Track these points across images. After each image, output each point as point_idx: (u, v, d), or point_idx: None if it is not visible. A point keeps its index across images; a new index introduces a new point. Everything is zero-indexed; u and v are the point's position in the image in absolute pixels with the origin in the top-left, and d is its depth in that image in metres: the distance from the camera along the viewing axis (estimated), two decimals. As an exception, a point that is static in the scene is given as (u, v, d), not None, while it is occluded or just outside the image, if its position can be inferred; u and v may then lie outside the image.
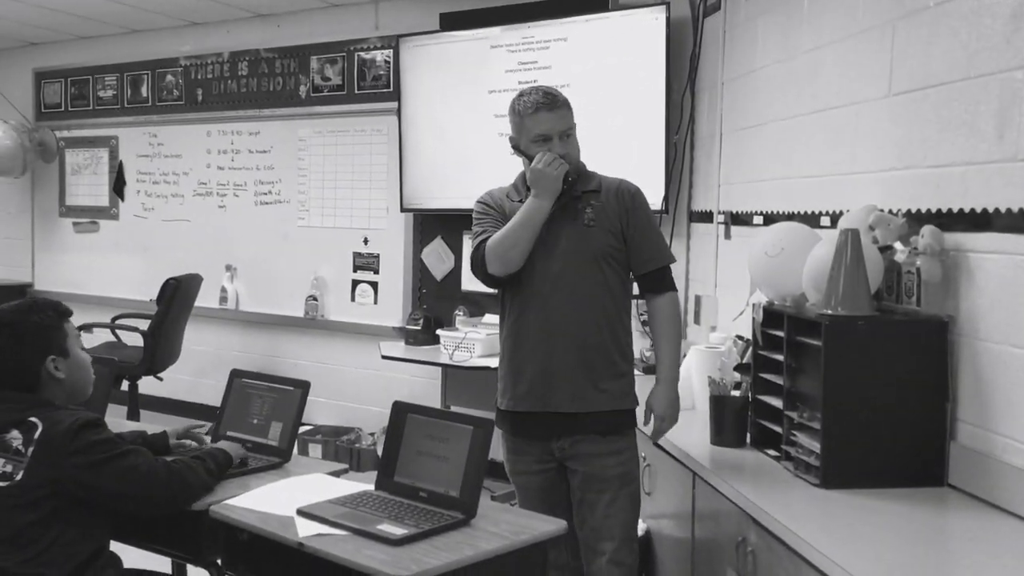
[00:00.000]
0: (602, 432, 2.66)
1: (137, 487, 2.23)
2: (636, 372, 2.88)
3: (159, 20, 6.44)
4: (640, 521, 3.26)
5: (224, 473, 2.45)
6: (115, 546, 2.41)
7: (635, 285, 2.80)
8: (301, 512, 2.16)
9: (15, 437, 2.21)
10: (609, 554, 2.66)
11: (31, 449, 2.17)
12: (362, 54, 5.76)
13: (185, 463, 2.35)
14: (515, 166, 2.85)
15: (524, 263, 2.66)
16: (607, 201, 2.70)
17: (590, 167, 2.81)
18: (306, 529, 2.07)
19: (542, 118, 2.67)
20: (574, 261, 2.66)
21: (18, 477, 2.16)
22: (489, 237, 2.68)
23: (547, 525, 2.16)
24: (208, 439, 2.71)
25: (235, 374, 2.84)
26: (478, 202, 2.85)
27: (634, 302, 2.83)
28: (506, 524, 2.12)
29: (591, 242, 2.67)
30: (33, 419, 2.21)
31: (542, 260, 2.67)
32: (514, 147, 2.76)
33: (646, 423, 2.74)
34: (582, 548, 2.73)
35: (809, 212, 3.14)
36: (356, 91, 5.80)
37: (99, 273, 7.07)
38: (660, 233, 2.79)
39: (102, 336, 6.01)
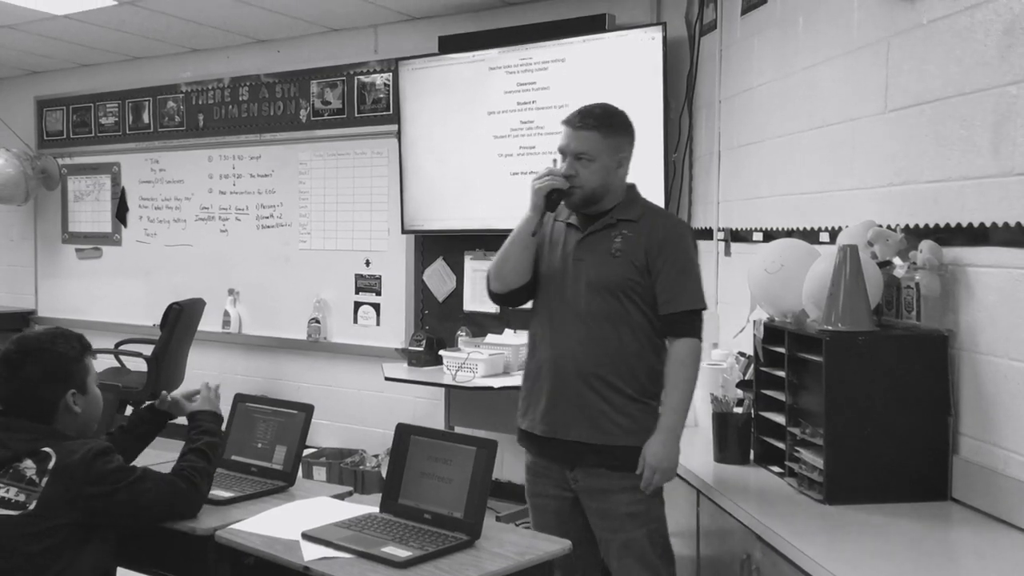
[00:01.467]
0: (613, 467, 2.54)
1: (152, 510, 2.31)
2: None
3: (159, 47, 6.49)
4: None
5: (220, 438, 2.57)
6: (123, 573, 2.41)
7: None
8: (306, 536, 2.16)
9: (29, 467, 2.23)
10: None
11: (45, 479, 2.20)
12: (362, 78, 5.79)
13: (188, 470, 2.38)
14: (516, 188, 2.85)
15: (541, 282, 2.63)
16: (640, 233, 2.58)
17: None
18: (311, 553, 2.07)
19: (564, 134, 2.61)
20: (595, 290, 2.57)
21: (31, 507, 2.18)
22: None
23: (552, 545, 2.16)
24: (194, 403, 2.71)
25: (239, 398, 2.85)
26: None
27: None
28: (511, 545, 2.12)
29: (613, 273, 2.56)
30: (47, 449, 2.24)
31: (563, 285, 2.62)
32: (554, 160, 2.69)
33: (638, 470, 2.53)
34: None
35: (808, 228, 3.16)
36: (356, 114, 5.83)
37: (102, 299, 7.09)
38: (692, 277, 2.60)
39: (106, 362, 6.02)
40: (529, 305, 2.76)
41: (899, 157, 2.63)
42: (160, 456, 2.74)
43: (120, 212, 7.03)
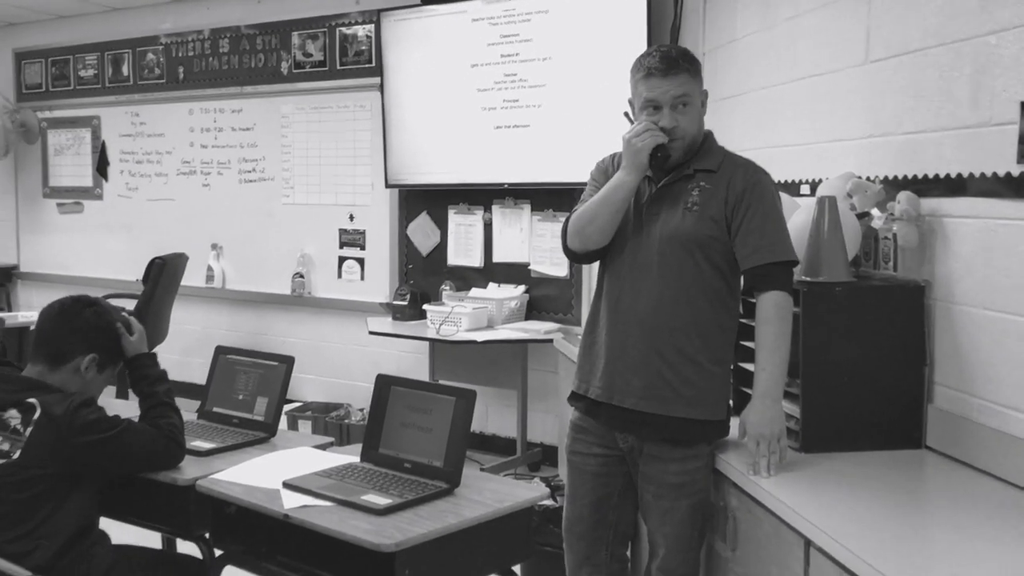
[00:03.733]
0: (669, 440, 2.39)
1: (135, 460, 2.34)
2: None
3: (139, -2, 6.40)
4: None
5: (167, 380, 2.59)
6: (105, 523, 2.44)
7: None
8: (287, 484, 2.18)
9: (13, 416, 2.26)
10: (659, 560, 2.47)
11: (29, 429, 2.22)
12: (343, 29, 5.73)
13: (165, 427, 2.42)
14: (499, 141, 2.82)
15: (610, 240, 2.43)
16: (719, 184, 2.36)
17: (720, 143, 2.48)
18: (292, 501, 2.09)
19: (653, 84, 2.34)
20: (668, 247, 2.36)
21: (15, 456, 2.21)
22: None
23: (530, 492, 2.19)
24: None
25: (220, 351, 2.86)
26: (597, 165, 2.59)
27: None
28: (490, 492, 2.14)
29: (689, 227, 2.35)
30: (31, 400, 2.26)
31: (635, 241, 2.41)
32: (626, 112, 2.48)
33: (741, 438, 2.33)
34: (647, 543, 2.54)
35: (790, 181, 3.16)
36: (338, 67, 5.77)
37: (85, 254, 7.05)
38: (778, 226, 2.36)
39: (89, 317, 6.01)
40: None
41: (879, 108, 2.62)
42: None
43: (101, 166, 6.97)
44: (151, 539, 2.70)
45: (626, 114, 2.47)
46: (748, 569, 2.22)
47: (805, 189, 3.03)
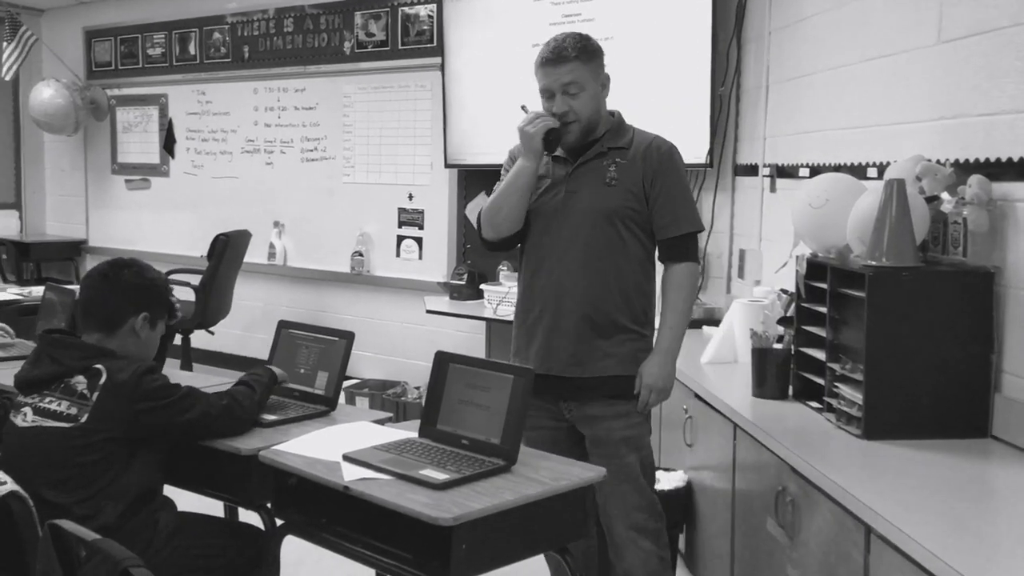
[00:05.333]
0: (608, 396, 2.60)
1: (195, 426, 2.39)
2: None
3: (205, -23, 6.49)
4: (681, 472, 3.29)
5: (270, 392, 2.61)
6: (170, 491, 2.50)
7: None
8: (347, 457, 2.20)
9: (80, 381, 2.32)
10: (627, 520, 2.62)
11: (96, 394, 2.29)
12: (405, 9, 5.75)
13: (234, 398, 2.46)
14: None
15: (523, 225, 2.62)
16: (634, 159, 2.59)
17: (630, 122, 2.71)
18: (351, 473, 2.12)
19: (545, 72, 2.59)
20: (590, 220, 2.57)
21: (83, 420, 2.27)
22: None
23: (587, 472, 2.19)
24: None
25: (282, 325, 2.90)
26: (507, 158, 2.78)
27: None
28: (546, 471, 2.15)
29: (609, 201, 2.57)
30: (98, 366, 2.32)
31: (558, 219, 2.60)
32: (523, 106, 2.70)
33: (636, 391, 2.61)
34: (602, 516, 2.64)
35: (856, 164, 3.10)
36: (400, 47, 5.79)
37: (151, 229, 7.20)
38: (686, 198, 2.65)
39: (154, 291, 6.14)
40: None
41: (951, 90, 2.56)
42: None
43: (168, 143, 7.10)
44: (215, 508, 2.75)
45: (522, 107, 2.67)
46: (806, 556, 2.21)
47: (872, 172, 2.97)
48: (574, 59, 2.56)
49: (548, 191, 2.63)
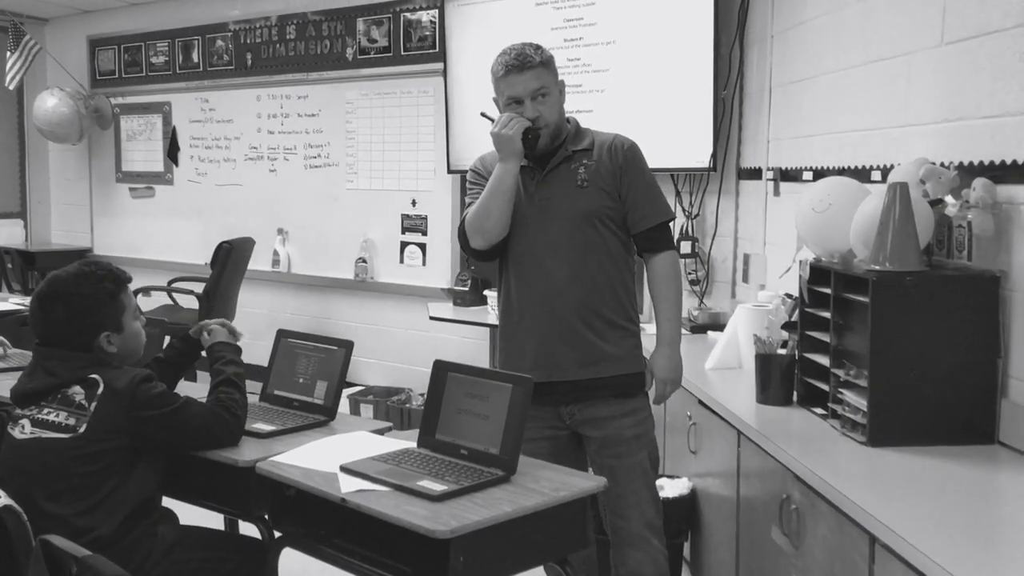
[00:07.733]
0: (614, 395, 2.62)
1: (194, 435, 2.37)
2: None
3: (208, -15, 6.48)
4: (685, 479, 3.26)
5: (242, 367, 2.60)
6: (169, 503, 2.48)
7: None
8: (344, 469, 2.18)
9: (77, 392, 2.31)
10: (642, 519, 2.61)
11: (94, 404, 2.28)
12: (408, 15, 5.73)
13: (226, 401, 2.44)
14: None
15: (510, 230, 2.62)
16: (600, 159, 2.63)
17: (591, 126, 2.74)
18: (349, 485, 2.10)
19: (512, 80, 2.60)
20: (569, 224, 2.59)
21: (81, 430, 2.26)
22: None
23: (587, 482, 2.17)
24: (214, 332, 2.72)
25: (281, 334, 2.88)
26: (471, 169, 2.79)
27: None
28: (546, 481, 2.12)
29: (585, 203, 2.60)
30: (94, 376, 2.31)
31: (536, 224, 2.62)
32: (482, 113, 2.73)
33: (648, 387, 2.69)
34: (608, 516, 2.65)
35: (859, 167, 3.07)
36: (402, 52, 5.78)
37: (155, 237, 7.20)
38: (657, 188, 2.70)
39: (159, 299, 6.15)
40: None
41: (954, 92, 2.53)
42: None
43: (171, 151, 7.10)
44: (215, 520, 2.74)
45: (483, 114, 2.73)
46: (811, 565, 2.18)
47: (876, 175, 2.94)
48: (539, 65, 2.61)
49: (522, 202, 2.64)
